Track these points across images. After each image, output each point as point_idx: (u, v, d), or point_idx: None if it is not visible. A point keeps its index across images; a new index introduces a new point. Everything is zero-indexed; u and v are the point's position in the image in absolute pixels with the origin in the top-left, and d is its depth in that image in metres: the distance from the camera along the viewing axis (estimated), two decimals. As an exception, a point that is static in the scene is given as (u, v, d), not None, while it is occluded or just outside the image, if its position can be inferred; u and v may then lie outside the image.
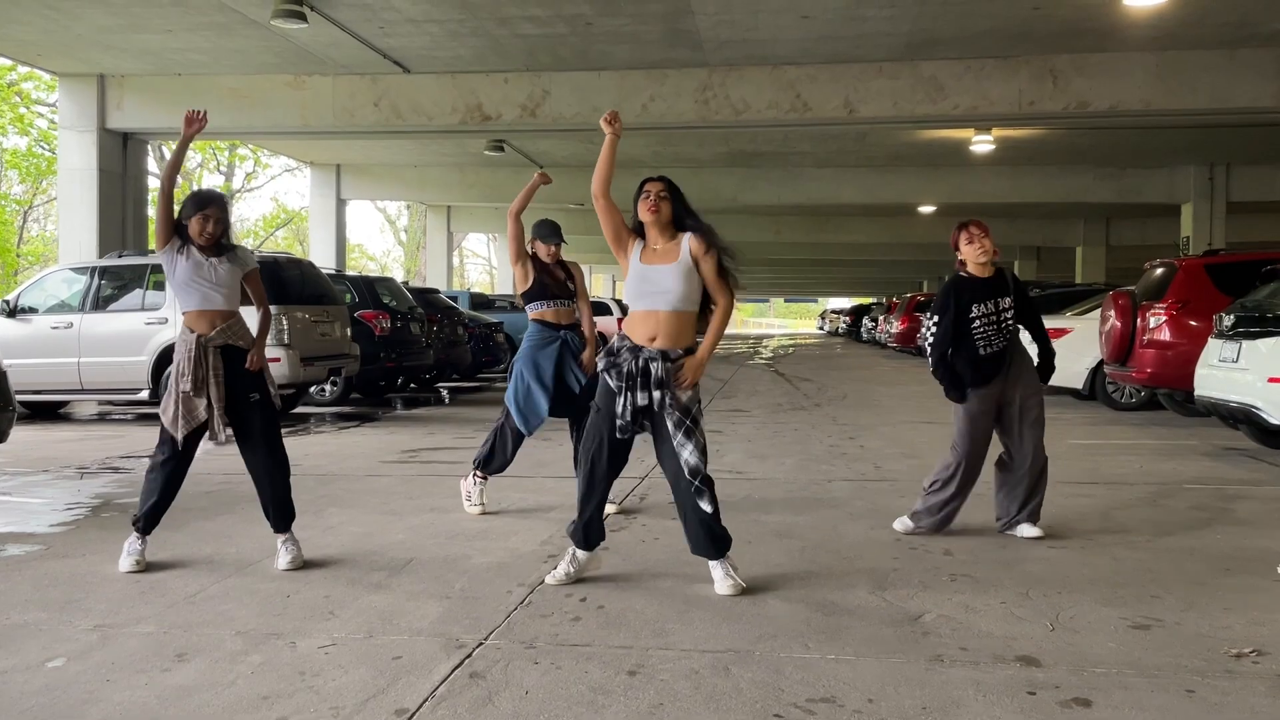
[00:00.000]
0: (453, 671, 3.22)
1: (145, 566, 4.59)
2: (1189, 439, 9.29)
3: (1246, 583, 4.28)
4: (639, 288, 4.23)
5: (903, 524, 5.34)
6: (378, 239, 76.10)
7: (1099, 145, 19.90)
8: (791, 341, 44.61)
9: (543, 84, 14.40)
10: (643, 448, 4.68)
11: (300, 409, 12.55)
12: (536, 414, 5.70)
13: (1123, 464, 7.75)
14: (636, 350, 4.16)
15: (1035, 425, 5.23)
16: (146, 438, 9.77)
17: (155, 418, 12.00)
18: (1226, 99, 13.41)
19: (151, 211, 15.41)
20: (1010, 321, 5.23)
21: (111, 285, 11.30)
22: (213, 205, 4.65)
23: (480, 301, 21.38)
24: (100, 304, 11.17)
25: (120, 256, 11.79)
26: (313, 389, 12.57)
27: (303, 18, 11.43)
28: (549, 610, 3.89)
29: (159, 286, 11.06)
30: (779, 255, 37.01)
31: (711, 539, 4.19)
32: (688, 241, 4.23)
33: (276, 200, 57.73)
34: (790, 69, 13.91)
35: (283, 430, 4.81)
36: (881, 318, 32.35)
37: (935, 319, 5.20)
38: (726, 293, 4.29)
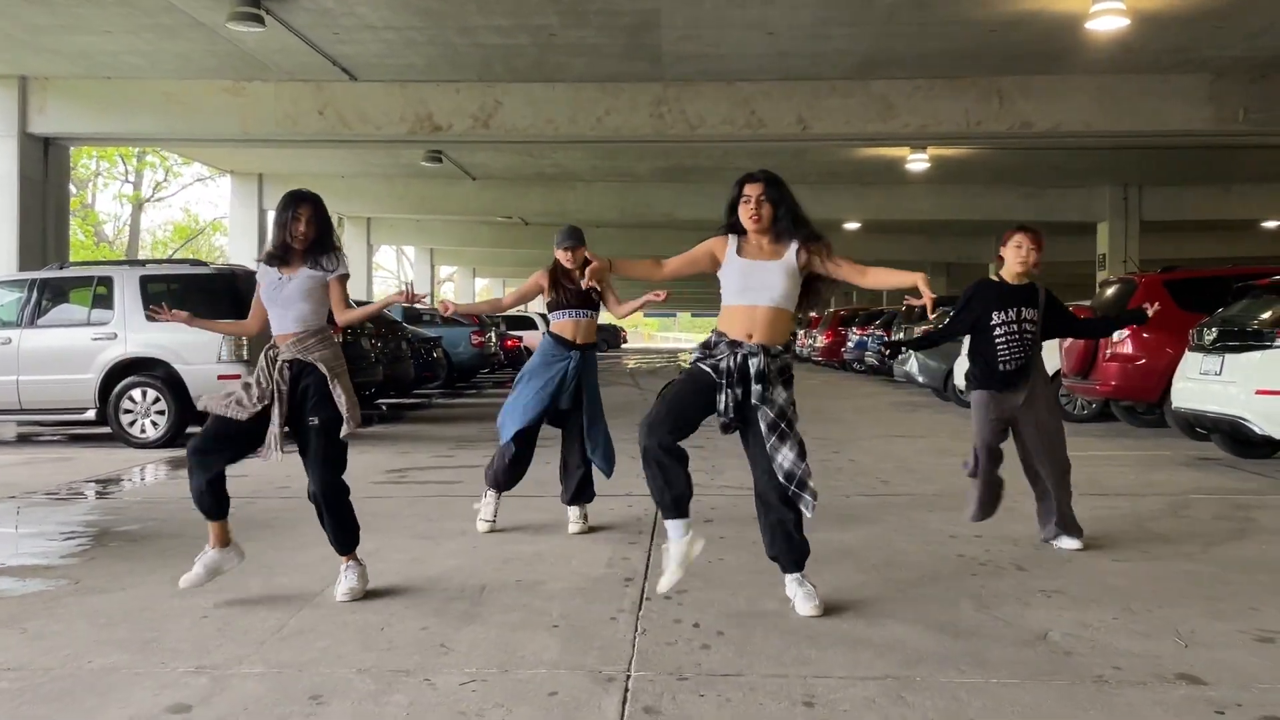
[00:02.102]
0: (624, 707, 3.05)
1: (210, 579, 4.35)
2: (1159, 449, 9.56)
3: (1325, 592, 4.39)
4: (740, 283, 4.08)
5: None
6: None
7: (1021, 165, 20.56)
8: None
9: (495, 94, 14.17)
10: (639, 464, 4.52)
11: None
12: (514, 423, 5.67)
13: (1117, 475, 7.91)
14: (735, 345, 4.02)
15: (1055, 443, 5.30)
16: (98, 461, 9.24)
17: (89, 439, 11.35)
18: (1160, 121, 13.99)
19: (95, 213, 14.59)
20: (1030, 335, 5.29)
21: (54, 299, 10.65)
22: (305, 204, 4.32)
23: (412, 316, 20.89)
24: (42, 319, 10.52)
25: (62, 268, 11.14)
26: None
27: (260, 20, 11.01)
28: (671, 638, 3.74)
29: (105, 301, 10.47)
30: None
31: (792, 547, 4.09)
32: (798, 248, 4.11)
33: (187, 210, 55.73)
34: (745, 85, 13.98)
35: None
36: (802, 332, 32.73)
37: (953, 313, 5.40)
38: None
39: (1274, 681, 3.28)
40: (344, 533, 4.44)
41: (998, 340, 5.23)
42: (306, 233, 4.28)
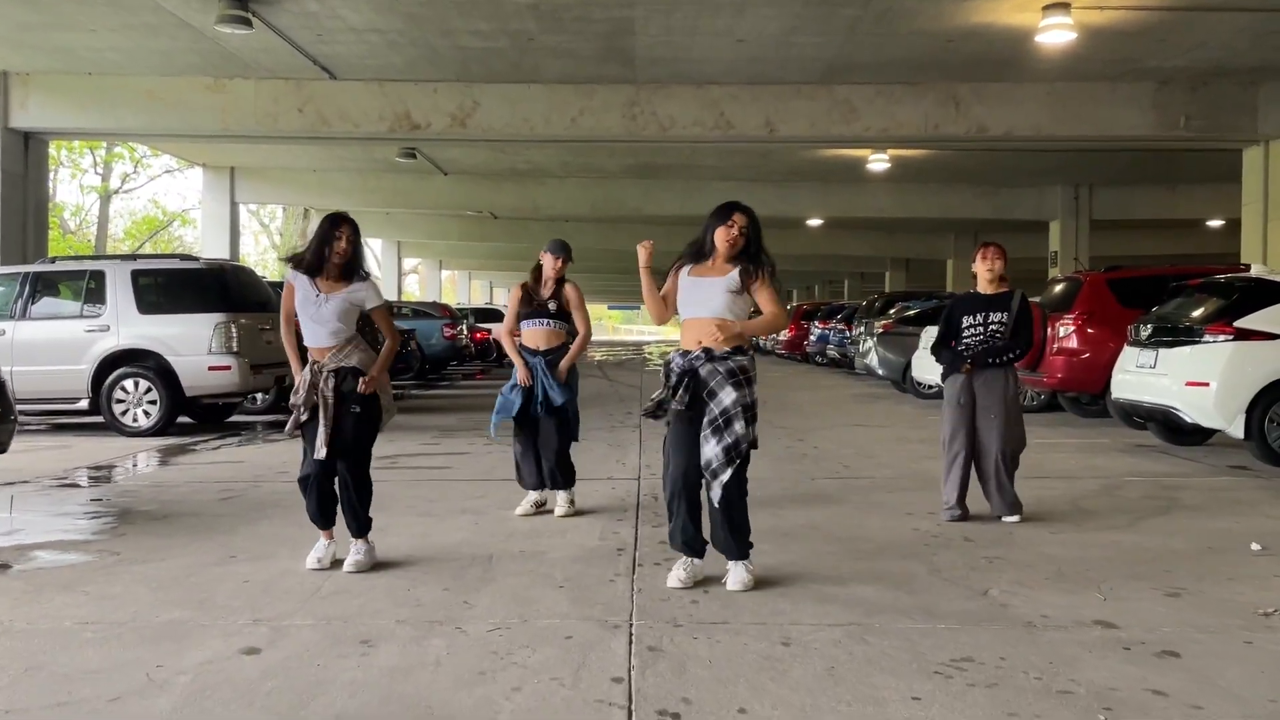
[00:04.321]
0: (631, 646, 3.59)
1: (330, 565, 4.77)
2: (1100, 437, 10.25)
3: (1231, 558, 5.02)
4: (688, 297, 4.56)
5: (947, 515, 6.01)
6: (248, 243, 73.63)
7: (977, 165, 21.28)
8: (673, 349, 45.44)
9: (473, 95, 14.60)
10: (620, 450, 5.06)
11: (236, 417, 12.42)
12: (503, 412, 6.24)
13: (1060, 460, 8.56)
14: (685, 354, 4.51)
15: (1006, 427, 5.99)
16: (95, 449, 9.62)
17: (77, 428, 11.65)
18: (1108, 127, 14.71)
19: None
20: (999, 335, 6.01)
21: (47, 292, 10.99)
22: (346, 224, 4.81)
23: (385, 308, 21.24)
24: (35, 311, 10.85)
25: (54, 263, 11.46)
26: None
27: (248, 23, 11.37)
28: (664, 596, 4.28)
29: (97, 294, 10.81)
30: (666, 264, 37.62)
31: (729, 536, 4.45)
32: (739, 272, 4.52)
33: (156, 202, 55.25)
34: (714, 88, 14.52)
35: (241, 440, 4.97)
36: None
37: (937, 330, 6.04)
38: (782, 310, 4.69)
39: (1175, 626, 3.89)
40: (361, 515, 4.88)
41: (965, 338, 6.04)
42: (345, 250, 4.75)
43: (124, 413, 10.63)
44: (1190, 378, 8.36)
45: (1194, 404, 8.32)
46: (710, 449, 4.40)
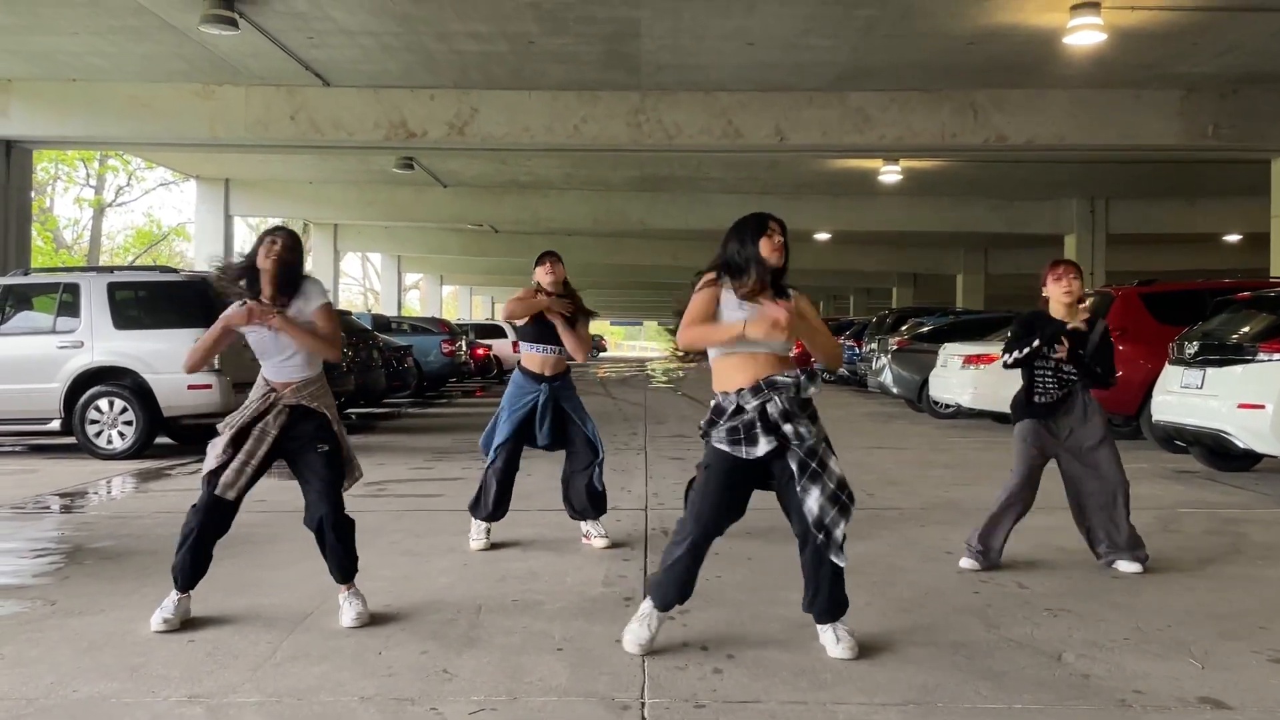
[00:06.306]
0: (644, 739, 2.95)
1: (177, 626, 4.07)
2: (1137, 462, 9.55)
3: (1330, 611, 4.37)
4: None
5: (968, 562, 5.20)
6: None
7: (991, 178, 20.70)
8: (676, 365, 44.79)
9: (471, 102, 14.02)
10: (625, 476, 4.43)
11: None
12: (494, 440, 5.68)
13: (1101, 489, 7.90)
14: (757, 391, 3.72)
15: (1105, 464, 5.20)
16: (63, 474, 8.99)
17: (51, 449, 11.02)
18: (1133, 135, 14.10)
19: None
20: (1073, 376, 5.15)
21: (19, 305, 10.37)
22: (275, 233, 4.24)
23: (381, 324, 20.65)
24: (5, 326, 10.22)
25: (26, 275, 10.85)
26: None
27: (234, 24, 10.80)
28: (681, 663, 3.63)
29: (71, 308, 10.20)
30: (670, 279, 37.11)
31: (833, 601, 3.78)
32: (794, 297, 3.89)
33: (150, 215, 54.80)
34: (723, 95, 13.95)
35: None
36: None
37: (1010, 350, 5.19)
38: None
39: (1299, 705, 3.24)
40: (350, 562, 4.25)
41: (1035, 373, 5.16)
42: (280, 254, 4.22)
43: (98, 434, 10.00)
44: (1243, 399, 7.71)
45: (1248, 428, 7.67)
46: (814, 501, 3.67)
